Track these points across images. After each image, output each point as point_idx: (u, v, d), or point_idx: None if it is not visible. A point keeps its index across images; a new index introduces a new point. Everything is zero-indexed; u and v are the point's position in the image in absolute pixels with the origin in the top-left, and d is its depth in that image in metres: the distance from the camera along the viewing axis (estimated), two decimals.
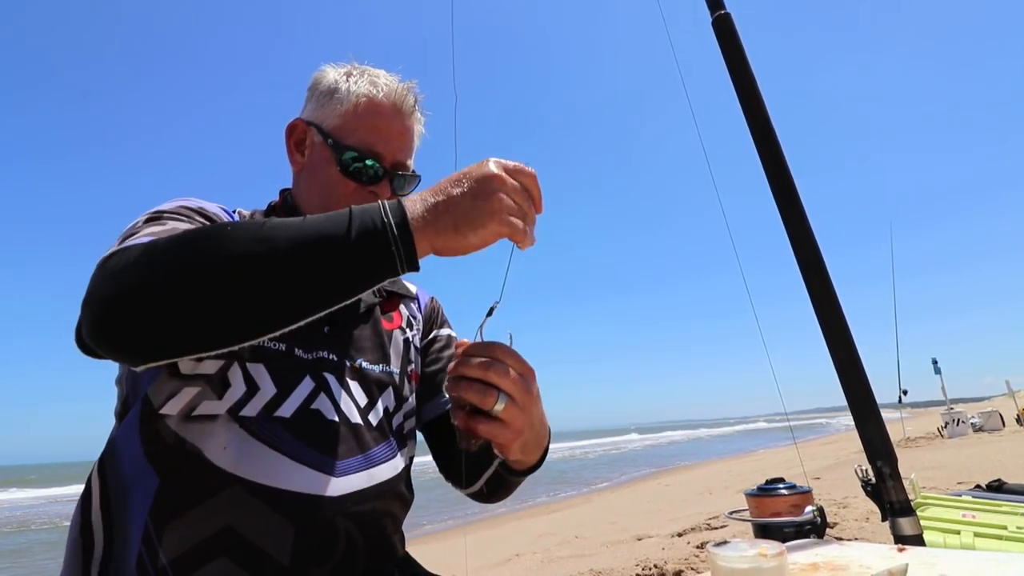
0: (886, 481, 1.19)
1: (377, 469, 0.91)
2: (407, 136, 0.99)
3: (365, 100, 0.95)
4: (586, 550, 5.02)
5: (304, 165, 1.00)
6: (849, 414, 1.26)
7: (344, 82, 0.97)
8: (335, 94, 0.96)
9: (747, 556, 0.56)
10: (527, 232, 0.68)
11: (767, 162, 1.33)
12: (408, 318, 1.10)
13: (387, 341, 1.02)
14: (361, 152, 0.94)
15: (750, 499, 1.36)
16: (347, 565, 0.85)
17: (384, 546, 0.93)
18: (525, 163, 0.71)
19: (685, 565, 3.81)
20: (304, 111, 1.01)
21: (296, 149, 1.01)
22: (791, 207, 1.30)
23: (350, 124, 0.95)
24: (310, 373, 0.88)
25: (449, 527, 7.93)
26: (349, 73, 0.99)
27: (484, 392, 0.69)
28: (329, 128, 0.96)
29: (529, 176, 0.70)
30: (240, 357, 0.83)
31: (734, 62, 1.38)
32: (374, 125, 0.95)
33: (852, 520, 4.60)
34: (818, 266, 1.27)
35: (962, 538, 1.55)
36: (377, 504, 0.90)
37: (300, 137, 1.00)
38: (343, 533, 0.84)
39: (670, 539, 4.94)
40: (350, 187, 0.94)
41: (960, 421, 12.92)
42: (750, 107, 1.35)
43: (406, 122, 0.98)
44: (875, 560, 0.87)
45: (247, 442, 0.80)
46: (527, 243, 0.69)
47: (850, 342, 1.23)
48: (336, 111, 0.96)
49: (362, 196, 0.94)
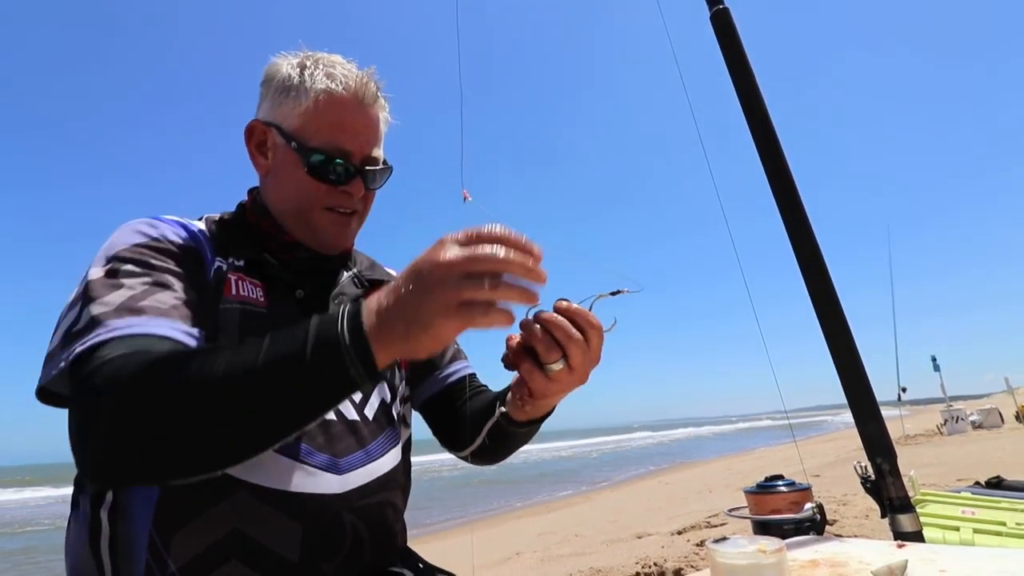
0: (886, 478, 1.19)
1: (377, 463, 0.93)
2: (373, 127, 0.95)
3: (324, 96, 0.90)
4: (586, 548, 5.02)
5: (269, 168, 0.96)
6: (850, 411, 1.26)
7: (299, 76, 0.92)
8: (291, 91, 0.92)
9: (746, 552, 0.56)
10: (497, 312, 0.59)
11: (767, 160, 1.33)
12: None
13: None
14: (328, 152, 0.91)
15: (750, 496, 1.36)
16: (354, 558, 0.86)
17: (388, 536, 0.94)
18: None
19: (685, 563, 3.81)
20: (260, 110, 0.97)
21: (258, 152, 0.97)
22: (791, 205, 1.30)
23: (312, 123, 0.90)
24: None
25: (451, 526, 7.93)
26: (303, 65, 0.93)
27: (551, 347, 0.70)
28: (290, 129, 0.91)
29: (492, 238, 0.60)
30: None
31: (733, 58, 1.37)
32: (337, 121, 0.91)
33: (852, 517, 4.60)
34: (818, 264, 1.27)
35: (961, 534, 1.56)
36: (380, 496, 0.91)
37: (261, 139, 0.96)
38: (349, 528, 0.85)
39: (670, 537, 4.95)
40: (322, 189, 0.92)
41: (959, 418, 12.94)
42: (749, 103, 1.35)
43: (370, 112, 0.94)
44: (875, 556, 0.87)
45: None
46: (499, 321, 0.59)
47: (850, 340, 1.23)
48: (295, 110, 0.91)
49: (335, 196, 0.93)
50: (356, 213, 0.97)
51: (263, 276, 0.91)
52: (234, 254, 0.91)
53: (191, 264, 0.84)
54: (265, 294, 0.90)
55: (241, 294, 0.87)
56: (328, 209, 0.93)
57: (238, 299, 0.87)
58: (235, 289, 0.87)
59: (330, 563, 0.83)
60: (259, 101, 0.98)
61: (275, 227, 0.95)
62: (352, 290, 1.01)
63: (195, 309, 0.80)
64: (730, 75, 1.37)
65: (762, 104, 1.34)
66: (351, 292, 1.01)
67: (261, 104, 0.97)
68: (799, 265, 1.29)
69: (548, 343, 0.70)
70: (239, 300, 0.86)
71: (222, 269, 0.88)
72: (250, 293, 0.88)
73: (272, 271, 0.92)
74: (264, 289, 0.90)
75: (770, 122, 1.33)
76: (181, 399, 0.61)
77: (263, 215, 0.97)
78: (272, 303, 0.90)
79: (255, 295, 0.89)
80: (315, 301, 0.95)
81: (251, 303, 0.88)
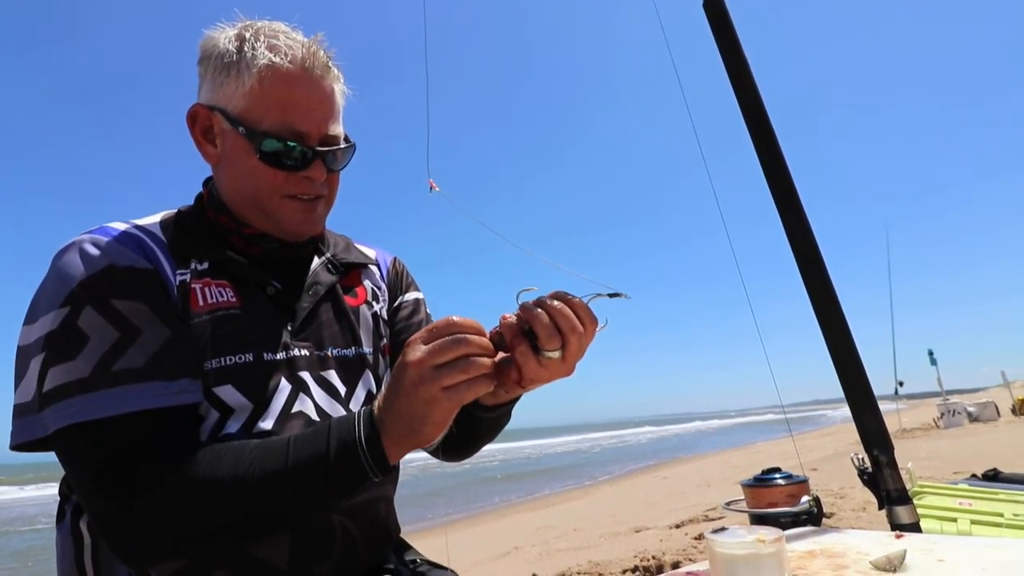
0: (883, 469, 1.19)
1: None
2: (328, 102, 0.86)
3: (268, 71, 0.81)
4: (584, 542, 5.03)
5: (219, 156, 0.87)
6: (847, 406, 1.26)
7: (237, 51, 0.82)
8: (231, 69, 0.82)
9: (745, 542, 0.56)
10: (478, 383, 0.66)
11: (762, 151, 1.32)
12: (372, 290, 1.03)
13: (355, 321, 0.97)
14: (281, 136, 0.82)
15: (747, 489, 1.36)
16: (347, 558, 0.85)
17: (381, 531, 0.93)
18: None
19: (683, 556, 3.82)
20: (201, 93, 0.87)
21: (205, 139, 0.88)
22: (787, 197, 1.30)
23: (259, 104, 0.81)
24: (284, 375, 0.84)
25: (450, 520, 7.94)
26: (241, 38, 0.83)
27: (553, 335, 0.70)
28: (236, 113, 0.82)
29: (448, 329, 0.67)
30: (205, 389, 0.78)
31: (726, 46, 1.35)
32: (287, 99, 0.82)
33: (849, 510, 4.62)
34: (813, 252, 1.26)
35: (959, 526, 1.56)
36: (370, 493, 0.90)
37: (206, 125, 0.87)
38: (339, 529, 0.84)
39: (668, 531, 4.97)
40: (279, 177, 0.84)
41: (956, 412, 13.00)
42: (743, 92, 1.33)
43: (322, 85, 0.85)
44: (872, 547, 0.87)
45: None
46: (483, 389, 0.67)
47: (846, 330, 1.23)
48: (238, 90, 0.82)
49: (295, 183, 0.85)
50: (321, 197, 0.90)
51: (230, 275, 0.85)
52: (196, 256, 0.84)
53: (153, 291, 0.78)
54: (236, 293, 0.84)
55: (209, 301, 0.82)
56: (289, 197, 0.86)
57: (207, 308, 0.81)
58: (202, 299, 0.81)
59: (322, 566, 0.82)
60: (199, 83, 0.88)
61: (235, 221, 0.89)
62: (326, 277, 0.95)
63: (170, 348, 0.75)
64: (724, 64, 1.35)
65: (757, 95, 1.33)
66: (325, 280, 0.95)
67: (201, 86, 0.87)
68: (793, 252, 1.28)
69: (551, 331, 0.70)
70: (208, 309, 0.81)
71: (185, 282, 0.81)
72: (219, 297, 0.83)
73: (238, 270, 0.86)
74: (234, 288, 0.85)
75: (765, 113, 1.32)
76: (217, 513, 0.69)
77: (220, 209, 0.89)
78: (244, 300, 0.84)
79: (225, 297, 0.83)
80: (288, 294, 0.90)
81: (222, 307, 0.82)
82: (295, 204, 0.87)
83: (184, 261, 0.83)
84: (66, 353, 0.71)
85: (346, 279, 1.00)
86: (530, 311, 0.70)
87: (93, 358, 0.71)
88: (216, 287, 0.83)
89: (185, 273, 0.82)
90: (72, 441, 0.70)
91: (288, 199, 0.86)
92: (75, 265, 0.75)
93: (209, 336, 0.80)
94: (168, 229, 0.85)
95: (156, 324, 0.76)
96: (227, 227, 0.89)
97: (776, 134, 1.32)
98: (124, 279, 0.76)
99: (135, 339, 0.74)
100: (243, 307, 0.84)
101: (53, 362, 0.71)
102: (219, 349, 0.80)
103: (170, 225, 0.86)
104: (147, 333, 0.75)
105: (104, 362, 0.71)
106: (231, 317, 0.82)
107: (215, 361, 0.79)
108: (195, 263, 0.84)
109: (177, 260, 0.82)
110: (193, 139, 0.88)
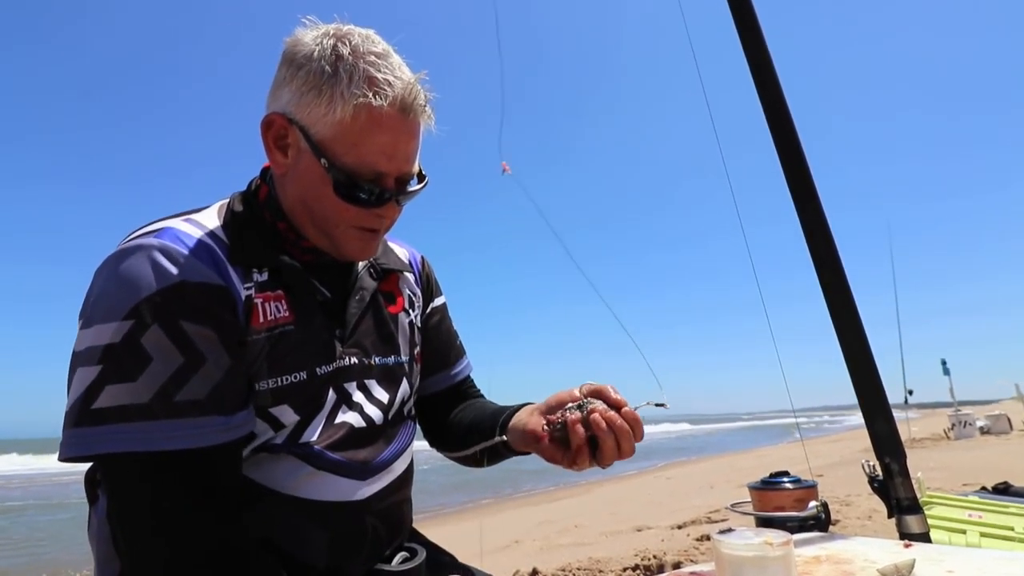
0: (894, 478, 1.17)
1: (398, 461, 0.95)
2: (414, 142, 0.83)
3: (364, 111, 0.76)
4: (585, 539, 5.04)
5: (289, 168, 0.84)
6: (858, 412, 1.24)
7: (332, 75, 0.77)
8: (323, 92, 0.77)
9: (753, 544, 0.55)
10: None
11: (781, 147, 1.29)
12: (409, 296, 1.05)
13: (395, 329, 0.99)
14: (361, 175, 0.80)
15: (753, 492, 1.35)
16: (373, 554, 0.90)
17: (401, 527, 0.97)
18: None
19: (684, 557, 3.81)
20: (281, 99, 0.81)
21: (276, 147, 0.83)
22: (806, 197, 1.27)
23: (345, 139, 0.78)
24: (333, 386, 0.86)
25: (454, 512, 7.99)
26: (338, 54, 0.77)
27: (615, 455, 0.80)
28: (319, 139, 0.78)
29: None
30: (262, 408, 0.80)
31: (747, 35, 1.31)
32: (376, 142, 0.78)
33: (855, 518, 4.58)
34: (832, 257, 1.24)
35: (968, 537, 1.54)
36: (397, 496, 0.94)
37: (280, 134, 0.83)
38: (370, 530, 0.88)
39: (670, 531, 4.95)
40: (351, 211, 0.82)
41: (967, 423, 12.81)
42: (763, 83, 1.28)
43: (414, 127, 0.82)
44: (880, 555, 0.86)
45: (280, 459, 0.82)
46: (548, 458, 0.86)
47: (862, 336, 1.21)
48: (326, 117, 0.77)
49: (363, 217, 0.84)
50: (383, 227, 0.89)
51: (283, 284, 0.84)
52: (257, 264, 0.82)
53: (221, 314, 0.76)
54: (289, 306, 0.84)
55: (268, 318, 0.81)
56: (355, 227, 0.85)
57: (267, 325, 0.81)
58: (263, 315, 0.81)
59: (353, 562, 0.87)
60: (276, 83, 0.83)
61: (293, 231, 0.87)
62: (369, 283, 0.96)
63: (230, 379, 0.75)
64: (745, 54, 1.31)
65: (777, 85, 1.28)
66: (369, 286, 0.96)
67: (280, 88, 0.82)
68: (811, 255, 1.26)
69: (615, 452, 0.80)
70: (267, 326, 0.81)
71: (251, 297, 0.80)
72: (276, 313, 0.82)
73: (291, 279, 0.85)
74: (287, 300, 0.84)
75: (785, 106, 1.28)
76: None
77: (279, 215, 0.87)
78: (298, 315, 0.84)
79: (281, 312, 0.83)
80: (336, 300, 0.91)
81: (280, 323, 0.82)
82: (359, 234, 0.86)
83: (247, 271, 0.81)
84: (127, 372, 0.69)
85: (385, 283, 1.01)
86: (603, 432, 0.80)
87: (155, 383, 0.69)
88: (273, 301, 0.83)
89: (250, 287, 0.81)
90: (121, 467, 0.70)
91: (353, 229, 0.85)
92: (144, 274, 0.71)
93: (266, 355, 0.80)
94: (229, 228, 0.83)
95: (220, 353, 0.74)
96: (284, 234, 0.87)
97: (798, 134, 1.30)
98: (196, 299, 0.73)
99: (199, 367, 0.72)
100: (296, 321, 0.84)
101: (111, 379, 0.69)
102: (275, 368, 0.81)
103: (230, 224, 0.83)
104: (211, 362, 0.73)
105: (166, 390, 0.69)
106: (286, 334, 0.82)
107: (272, 381, 0.80)
108: (256, 273, 0.82)
109: (242, 270, 0.81)
110: (264, 143, 0.84)
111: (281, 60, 0.83)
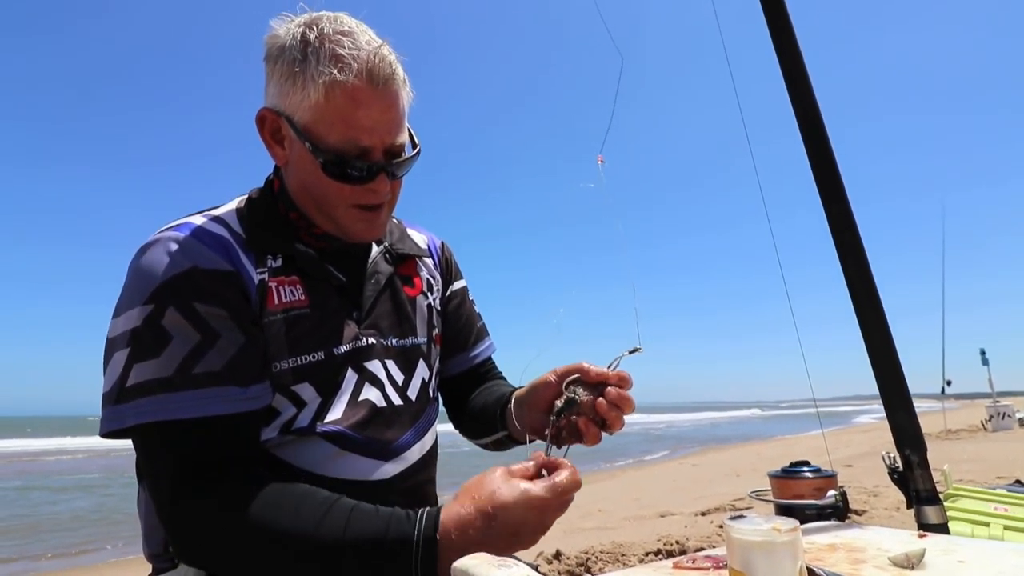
0: (913, 469, 1.18)
1: (422, 442, 0.98)
2: (392, 111, 0.84)
3: (333, 87, 0.79)
4: (608, 523, 5.09)
5: (287, 159, 0.89)
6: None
7: (303, 60, 0.80)
8: (296, 79, 0.81)
9: (761, 530, 0.58)
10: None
11: (809, 142, 1.29)
12: (428, 280, 1.09)
13: (412, 311, 1.03)
14: (346, 152, 0.83)
15: (774, 480, 1.37)
16: None
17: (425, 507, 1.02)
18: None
19: (707, 543, 3.83)
20: (268, 93, 0.87)
21: (273, 140, 0.89)
22: (832, 190, 1.26)
23: (323, 119, 0.81)
24: (351, 366, 0.90)
25: None
26: (306, 40, 0.81)
27: (621, 421, 0.87)
28: (301, 124, 0.83)
29: (575, 488, 0.77)
30: (283, 387, 0.84)
31: (778, 30, 1.29)
32: (352, 116, 0.81)
33: (882, 509, 4.54)
34: (855, 247, 1.24)
35: (991, 530, 1.53)
36: (422, 475, 0.97)
37: (274, 127, 0.88)
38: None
39: (693, 517, 4.97)
40: (344, 190, 0.86)
41: (1006, 415, 12.43)
42: (792, 77, 1.27)
43: (387, 96, 0.83)
44: (894, 544, 0.87)
45: (308, 441, 0.85)
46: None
47: (884, 327, 1.21)
48: (303, 102, 0.81)
49: (358, 194, 0.87)
50: (384, 204, 0.91)
51: (298, 270, 0.89)
52: (271, 251, 0.88)
53: (232, 295, 0.81)
54: (305, 291, 0.88)
55: (283, 301, 0.86)
56: (354, 206, 0.89)
57: (282, 307, 0.85)
58: (277, 298, 0.86)
59: None
60: (265, 80, 0.88)
61: (304, 219, 0.92)
62: (385, 267, 1.01)
63: (245, 355, 0.80)
64: (775, 50, 1.30)
65: (806, 79, 1.27)
66: (384, 270, 1.00)
67: (267, 85, 0.87)
68: (836, 247, 1.26)
69: (622, 420, 0.87)
70: (282, 308, 0.86)
71: (264, 281, 0.85)
72: (291, 296, 0.87)
73: (307, 265, 0.90)
74: (303, 285, 0.89)
75: (813, 98, 1.27)
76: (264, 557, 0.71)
77: (290, 206, 0.93)
78: (313, 298, 0.89)
79: (296, 296, 0.87)
80: (352, 285, 0.95)
81: (295, 306, 0.87)
82: (359, 213, 0.89)
83: (261, 257, 0.86)
84: (151, 350, 0.76)
85: (403, 267, 1.05)
86: (612, 416, 0.87)
87: (175, 358, 0.75)
88: (288, 285, 0.87)
89: (264, 272, 0.86)
90: (148, 437, 0.76)
91: (353, 208, 0.89)
92: (159, 263, 0.78)
93: (284, 336, 0.85)
94: (244, 220, 0.89)
95: (234, 330, 0.80)
96: (297, 224, 0.93)
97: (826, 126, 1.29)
98: (206, 282, 0.79)
99: (214, 343, 0.78)
100: (311, 304, 0.88)
101: (138, 357, 0.76)
102: (294, 348, 0.85)
103: (245, 216, 0.90)
104: (225, 338, 0.79)
105: (185, 364, 0.76)
106: (302, 317, 0.87)
107: (291, 360, 0.85)
108: (270, 259, 0.87)
109: (255, 256, 0.86)
110: (262, 140, 0.89)
111: (263, 57, 0.87)
